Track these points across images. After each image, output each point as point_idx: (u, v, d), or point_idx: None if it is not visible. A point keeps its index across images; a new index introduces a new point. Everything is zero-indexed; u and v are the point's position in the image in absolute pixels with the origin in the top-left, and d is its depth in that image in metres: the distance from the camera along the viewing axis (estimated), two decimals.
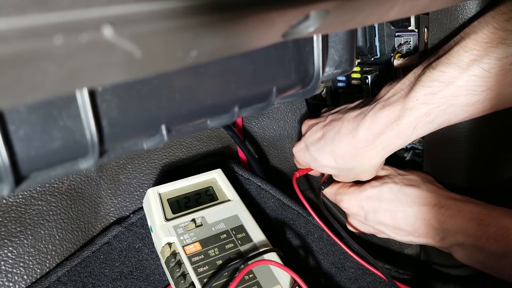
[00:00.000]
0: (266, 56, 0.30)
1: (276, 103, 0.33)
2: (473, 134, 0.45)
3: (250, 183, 0.59)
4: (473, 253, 0.42)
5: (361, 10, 0.25)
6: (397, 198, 0.46)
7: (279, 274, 0.43)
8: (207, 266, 0.43)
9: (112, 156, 0.25)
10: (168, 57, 0.19)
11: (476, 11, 0.40)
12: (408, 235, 0.46)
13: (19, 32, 0.13)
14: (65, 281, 0.47)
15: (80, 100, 0.22)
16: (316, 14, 0.22)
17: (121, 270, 0.49)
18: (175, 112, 0.26)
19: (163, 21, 0.16)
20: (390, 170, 0.50)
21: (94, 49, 0.15)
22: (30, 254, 0.47)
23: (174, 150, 0.60)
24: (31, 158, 0.21)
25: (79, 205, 0.52)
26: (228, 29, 0.19)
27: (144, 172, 0.57)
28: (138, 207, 0.56)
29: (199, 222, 0.48)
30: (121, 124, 0.24)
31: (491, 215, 0.41)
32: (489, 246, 0.40)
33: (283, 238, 0.54)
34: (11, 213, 0.46)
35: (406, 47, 0.51)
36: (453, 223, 0.42)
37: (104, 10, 0.14)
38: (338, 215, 0.62)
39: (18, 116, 0.20)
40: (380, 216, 0.47)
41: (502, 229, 0.40)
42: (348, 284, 0.49)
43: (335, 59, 0.36)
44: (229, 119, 0.30)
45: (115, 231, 0.52)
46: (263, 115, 0.65)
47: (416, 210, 0.45)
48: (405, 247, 0.56)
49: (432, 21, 0.44)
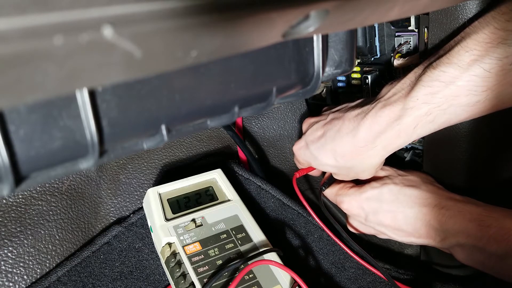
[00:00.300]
0: (266, 56, 0.30)
1: (276, 103, 0.33)
2: (473, 134, 0.45)
3: (250, 183, 0.59)
4: (474, 253, 0.42)
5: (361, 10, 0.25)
6: (397, 199, 0.46)
7: (279, 274, 0.43)
8: (207, 266, 0.43)
9: (112, 156, 0.25)
10: (168, 57, 0.19)
11: (476, 11, 0.40)
12: (409, 236, 0.46)
13: (19, 32, 0.13)
14: (65, 281, 0.47)
15: (80, 100, 0.22)
16: (316, 14, 0.22)
17: (121, 270, 0.49)
18: (175, 112, 0.26)
19: (163, 21, 0.16)
20: (390, 170, 0.50)
21: (94, 49, 0.15)
22: (30, 254, 0.47)
23: (174, 150, 0.60)
24: (31, 158, 0.21)
25: (79, 205, 0.52)
26: (228, 29, 0.19)
27: (144, 172, 0.57)
28: (138, 207, 0.56)
29: (199, 222, 0.47)
30: (121, 124, 0.24)
31: (491, 216, 0.41)
32: (489, 247, 0.40)
33: (283, 238, 0.54)
34: (11, 213, 0.46)
35: (406, 47, 0.51)
36: (453, 224, 0.42)
37: (104, 10, 0.14)
38: (339, 216, 0.62)
39: (18, 116, 0.20)
40: (380, 217, 0.47)
41: (503, 230, 0.40)
42: (348, 284, 0.49)
43: (335, 59, 0.36)
44: (229, 119, 0.30)
45: (115, 231, 0.52)
46: (263, 115, 0.65)
47: (417, 211, 0.45)
48: (405, 247, 0.56)
49: (432, 21, 0.44)
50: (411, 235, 0.46)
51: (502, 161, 0.47)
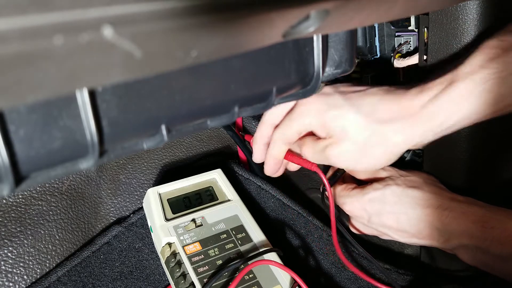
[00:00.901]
0: (266, 56, 0.30)
1: (276, 103, 0.33)
2: (474, 134, 0.45)
3: (250, 183, 0.59)
4: (478, 254, 0.42)
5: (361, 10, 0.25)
6: (400, 201, 0.46)
7: (279, 274, 0.43)
8: (207, 266, 0.43)
9: (112, 156, 0.25)
10: (168, 57, 0.19)
11: (476, 11, 0.40)
12: (412, 237, 0.46)
13: (19, 32, 0.13)
14: (65, 281, 0.47)
15: (80, 100, 0.22)
16: (316, 14, 0.22)
17: (121, 270, 0.49)
18: (175, 112, 0.26)
19: (163, 21, 0.16)
20: (392, 171, 0.50)
21: (94, 49, 0.15)
22: (30, 254, 0.47)
23: (174, 150, 0.60)
24: (31, 158, 0.21)
25: (79, 205, 0.52)
26: (228, 29, 0.19)
27: (144, 172, 0.57)
28: (138, 207, 0.56)
29: (199, 222, 0.48)
30: (121, 124, 0.24)
31: (494, 218, 0.41)
32: (493, 249, 0.40)
33: (283, 238, 0.54)
34: (11, 213, 0.46)
35: (406, 47, 0.51)
36: (456, 225, 0.42)
37: (104, 10, 0.14)
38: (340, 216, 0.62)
39: (18, 116, 0.20)
40: (383, 219, 0.47)
41: (506, 232, 0.40)
42: (348, 284, 0.49)
43: (335, 59, 0.36)
44: (229, 119, 0.30)
45: (115, 231, 0.52)
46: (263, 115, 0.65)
47: (420, 212, 0.45)
48: (405, 247, 0.56)
49: (432, 21, 0.44)
50: (414, 236, 0.46)
51: (503, 161, 0.47)
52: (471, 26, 0.42)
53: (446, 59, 0.44)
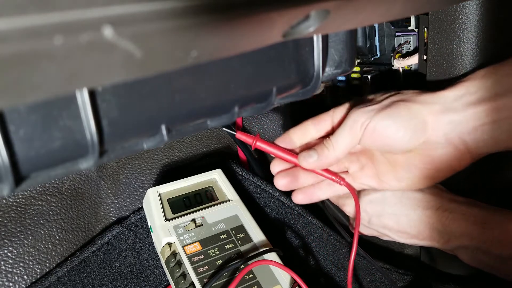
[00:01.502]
0: (266, 56, 0.30)
1: (276, 103, 0.33)
2: None
3: (250, 183, 0.59)
4: (478, 255, 0.42)
5: (361, 10, 0.25)
6: (401, 202, 0.46)
7: (279, 274, 0.43)
8: (207, 266, 0.43)
9: (112, 156, 0.25)
10: (168, 57, 0.19)
11: (476, 11, 0.40)
12: (412, 238, 0.46)
13: (19, 32, 0.13)
14: (65, 281, 0.47)
15: (80, 100, 0.22)
16: (316, 14, 0.22)
17: (121, 270, 0.49)
18: (175, 112, 0.26)
19: (163, 21, 0.16)
20: None
21: (94, 49, 0.15)
22: (30, 254, 0.47)
23: (174, 150, 0.60)
24: (31, 158, 0.21)
25: (79, 205, 0.52)
26: (228, 29, 0.19)
27: (144, 172, 0.57)
28: (138, 207, 0.56)
29: (199, 222, 0.48)
30: (121, 124, 0.24)
31: (495, 219, 0.41)
32: (494, 250, 0.40)
33: (283, 238, 0.54)
34: (11, 213, 0.46)
35: (406, 47, 0.51)
36: (457, 227, 0.42)
37: (104, 10, 0.14)
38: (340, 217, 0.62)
39: (18, 116, 0.20)
40: (384, 220, 0.47)
41: (507, 233, 0.40)
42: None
43: (335, 59, 0.36)
44: (229, 119, 0.30)
45: (115, 231, 0.52)
46: (263, 115, 0.65)
47: (420, 213, 0.45)
48: (405, 247, 0.56)
49: (432, 21, 0.44)
50: (415, 237, 0.46)
51: (503, 162, 0.47)
52: (471, 26, 0.42)
53: (446, 59, 0.44)
